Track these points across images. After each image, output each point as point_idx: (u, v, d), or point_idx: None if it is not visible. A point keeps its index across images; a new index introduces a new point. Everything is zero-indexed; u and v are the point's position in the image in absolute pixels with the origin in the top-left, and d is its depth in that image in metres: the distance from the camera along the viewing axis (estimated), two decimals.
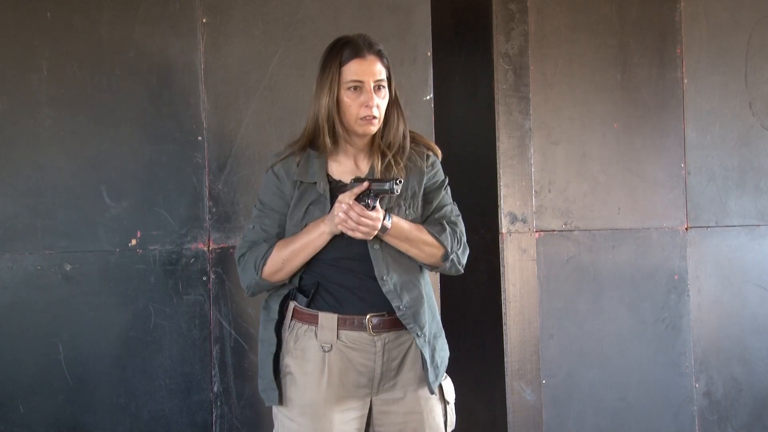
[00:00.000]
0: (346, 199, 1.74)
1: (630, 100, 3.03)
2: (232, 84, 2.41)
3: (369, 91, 1.80)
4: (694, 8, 3.13)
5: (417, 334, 1.83)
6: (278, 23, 2.46)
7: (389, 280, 1.82)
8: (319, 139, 1.86)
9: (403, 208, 1.86)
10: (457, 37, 3.04)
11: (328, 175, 1.87)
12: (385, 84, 1.84)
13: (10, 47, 2.22)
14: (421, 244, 1.84)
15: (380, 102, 1.83)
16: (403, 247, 1.83)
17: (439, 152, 1.94)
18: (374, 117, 1.82)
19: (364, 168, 1.89)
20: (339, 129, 1.84)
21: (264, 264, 1.84)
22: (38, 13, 2.24)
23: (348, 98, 1.82)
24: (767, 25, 3.25)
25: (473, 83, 2.93)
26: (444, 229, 1.86)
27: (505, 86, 2.78)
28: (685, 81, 3.12)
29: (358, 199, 1.75)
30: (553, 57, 2.91)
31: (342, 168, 1.89)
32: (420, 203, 1.90)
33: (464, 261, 1.92)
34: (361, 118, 1.81)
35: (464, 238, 1.92)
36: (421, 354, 1.84)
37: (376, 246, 1.82)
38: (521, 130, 2.80)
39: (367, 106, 1.80)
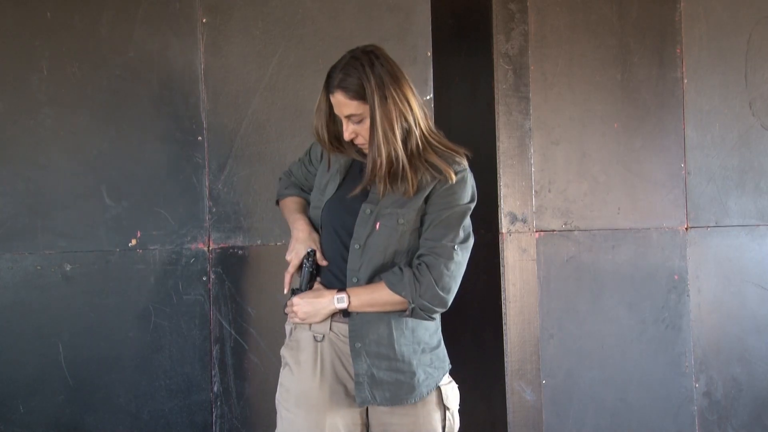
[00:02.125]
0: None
1: (630, 100, 3.03)
2: (232, 84, 2.42)
3: (344, 123, 1.83)
4: (694, 8, 3.13)
5: (355, 344, 1.83)
6: (278, 23, 2.46)
7: (359, 281, 1.84)
8: None
9: (395, 217, 1.83)
10: (457, 37, 3.04)
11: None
12: (357, 116, 1.81)
13: (10, 47, 2.22)
14: (384, 306, 1.82)
15: (358, 128, 1.82)
16: (372, 311, 1.83)
17: (453, 177, 1.82)
18: (356, 138, 1.85)
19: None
20: (328, 140, 1.90)
21: (279, 199, 2.19)
22: (38, 13, 2.24)
23: (338, 122, 1.88)
24: (767, 25, 3.25)
25: (473, 83, 2.93)
26: (401, 278, 1.79)
27: (505, 86, 2.78)
28: (685, 81, 3.12)
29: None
30: (553, 57, 2.91)
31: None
32: (416, 218, 1.84)
33: (438, 306, 1.80)
34: (347, 139, 1.86)
35: (443, 280, 1.78)
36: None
37: (357, 246, 1.83)
38: (521, 130, 2.80)
39: (345, 130, 1.84)
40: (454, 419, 1.91)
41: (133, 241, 2.31)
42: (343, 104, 1.80)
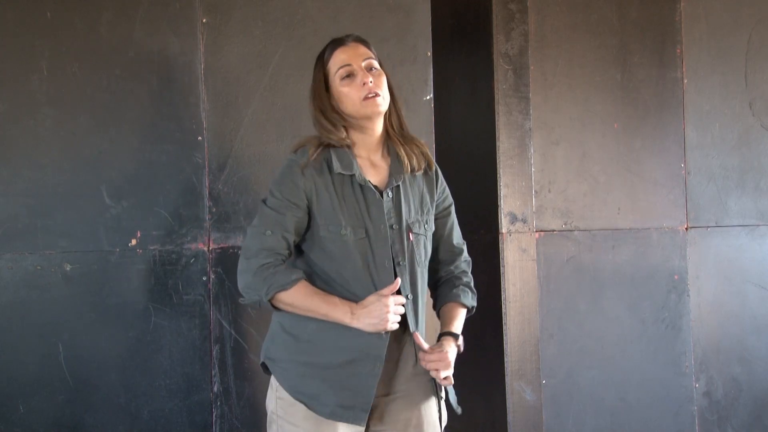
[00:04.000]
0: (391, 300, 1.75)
1: (630, 100, 3.03)
2: (232, 84, 2.41)
3: (360, 69, 1.79)
4: (694, 8, 3.13)
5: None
6: (278, 23, 2.46)
7: (413, 297, 1.86)
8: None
9: (421, 224, 1.86)
10: (457, 37, 3.04)
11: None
12: (377, 65, 1.83)
13: (10, 47, 2.22)
14: None
15: (376, 79, 1.80)
16: None
17: (433, 162, 1.94)
18: (376, 94, 1.78)
19: (382, 165, 1.88)
20: (332, 132, 1.83)
21: (279, 292, 1.77)
22: (38, 13, 2.24)
23: (345, 87, 1.80)
24: (767, 25, 3.25)
25: (473, 83, 2.93)
26: (468, 293, 1.96)
27: (505, 86, 2.78)
28: (685, 81, 3.12)
29: None
30: (553, 57, 2.91)
31: (362, 162, 1.87)
32: (431, 219, 1.90)
33: None
34: (364, 99, 1.78)
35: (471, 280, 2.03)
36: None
37: (402, 263, 1.82)
38: (521, 130, 2.80)
39: (363, 84, 1.77)
40: (443, 409, 1.95)
41: (133, 241, 2.31)
42: (362, 52, 1.82)
